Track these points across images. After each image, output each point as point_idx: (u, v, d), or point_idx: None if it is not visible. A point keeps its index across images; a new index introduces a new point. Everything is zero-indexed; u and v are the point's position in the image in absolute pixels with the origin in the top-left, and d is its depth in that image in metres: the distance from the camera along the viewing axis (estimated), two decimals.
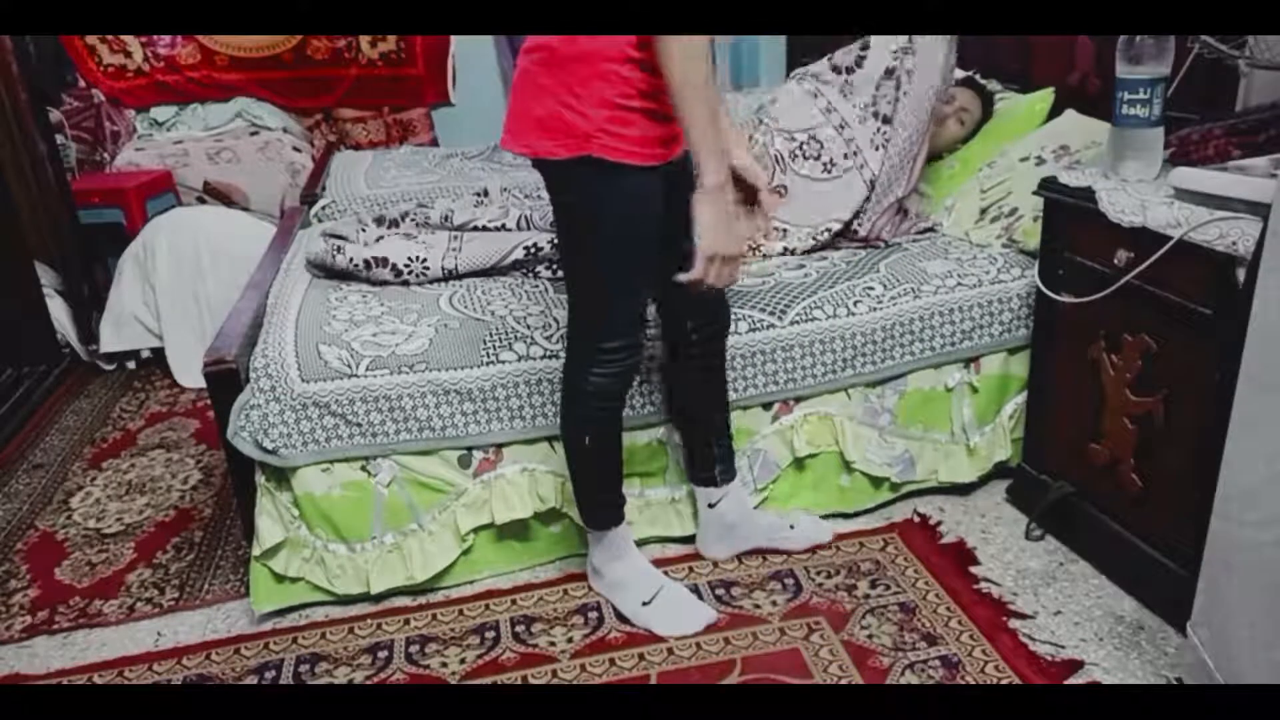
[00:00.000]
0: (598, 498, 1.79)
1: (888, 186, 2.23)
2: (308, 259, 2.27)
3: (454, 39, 4.18)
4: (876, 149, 2.22)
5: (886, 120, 2.22)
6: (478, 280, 2.15)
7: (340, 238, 2.25)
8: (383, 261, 2.14)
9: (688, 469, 1.96)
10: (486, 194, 2.57)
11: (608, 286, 1.61)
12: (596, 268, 1.60)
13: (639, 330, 1.70)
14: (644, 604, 1.78)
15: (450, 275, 2.16)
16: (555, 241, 2.14)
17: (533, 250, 2.15)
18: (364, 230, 2.30)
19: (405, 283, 2.15)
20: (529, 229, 2.26)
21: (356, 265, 2.15)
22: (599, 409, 1.69)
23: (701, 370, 1.85)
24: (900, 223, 2.29)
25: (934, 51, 2.16)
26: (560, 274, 2.15)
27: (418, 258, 2.14)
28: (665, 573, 1.91)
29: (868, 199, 2.23)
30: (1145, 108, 1.67)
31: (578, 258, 1.63)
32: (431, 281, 2.16)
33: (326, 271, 2.22)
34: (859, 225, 2.24)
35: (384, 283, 2.15)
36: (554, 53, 1.48)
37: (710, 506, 1.93)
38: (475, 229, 2.26)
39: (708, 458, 1.91)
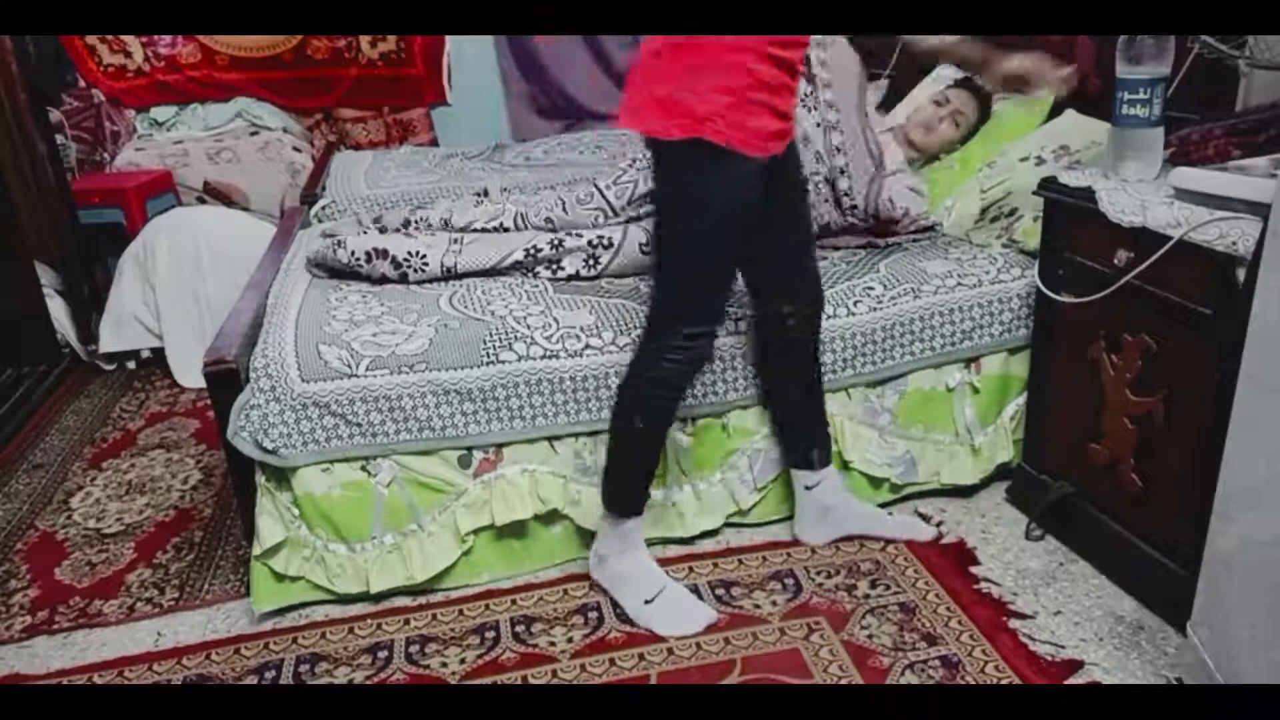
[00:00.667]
0: (628, 484, 1.79)
1: (859, 162, 2.25)
2: (308, 258, 2.27)
3: (449, 39, 4.17)
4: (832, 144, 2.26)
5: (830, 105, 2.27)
6: (478, 280, 2.15)
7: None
8: (382, 254, 2.14)
9: (783, 453, 1.98)
10: (486, 194, 2.57)
11: (700, 271, 1.64)
12: (691, 252, 1.63)
13: (720, 320, 1.74)
14: (646, 602, 1.78)
15: (450, 274, 2.15)
16: (555, 243, 2.15)
17: (532, 252, 2.15)
18: (365, 232, 2.30)
19: (405, 279, 2.15)
20: (525, 227, 2.26)
21: (357, 258, 2.15)
22: (661, 396, 1.71)
23: (796, 355, 1.88)
24: (889, 195, 2.27)
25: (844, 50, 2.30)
26: (560, 274, 2.15)
27: (417, 253, 2.14)
28: (665, 573, 1.91)
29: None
30: (1145, 108, 1.67)
31: (674, 240, 1.65)
32: (431, 280, 2.16)
33: (327, 269, 2.22)
34: (854, 199, 2.24)
35: (384, 280, 2.15)
36: (687, 39, 1.50)
37: (807, 489, 1.96)
38: (475, 230, 2.27)
39: (804, 440, 1.93)
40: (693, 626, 1.75)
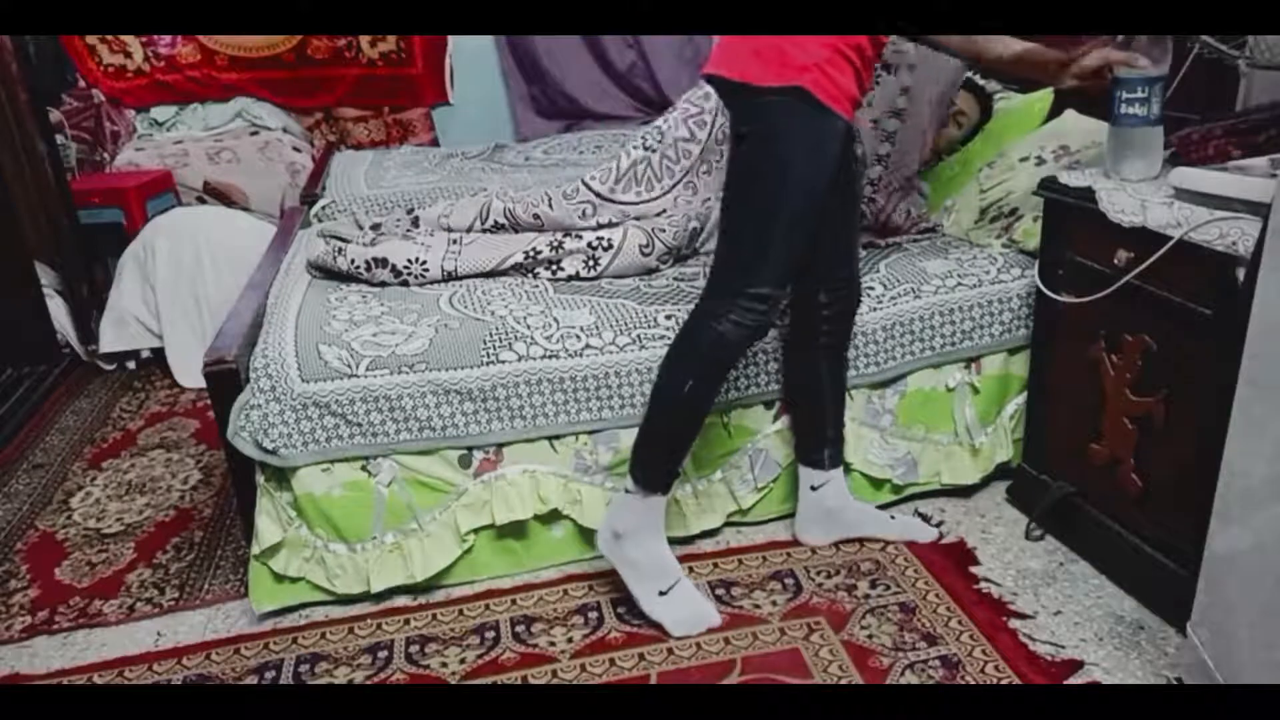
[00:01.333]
0: (662, 455, 1.72)
1: (900, 160, 2.23)
2: (308, 261, 2.27)
3: (452, 39, 4.18)
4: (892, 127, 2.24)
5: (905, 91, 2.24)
6: (478, 280, 2.15)
7: (339, 239, 2.26)
8: (382, 263, 2.14)
9: (796, 449, 1.97)
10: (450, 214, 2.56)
11: (778, 226, 1.58)
12: (769, 205, 1.58)
13: (787, 286, 1.68)
14: (661, 594, 1.75)
15: (450, 277, 2.16)
16: (554, 244, 2.15)
17: (532, 254, 2.15)
18: (365, 233, 2.29)
19: (405, 283, 2.15)
20: (516, 226, 2.25)
21: (357, 266, 2.15)
22: (718, 358, 1.65)
23: (826, 348, 1.87)
24: (908, 205, 2.28)
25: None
26: (559, 275, 2.15)
27: (417, 259, 2.14)
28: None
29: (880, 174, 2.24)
30: (1144, 107, 1.67)
31: (751, 192, 1.61)
32: (431, 282, 2.16)
33: (327, 273, 2.22)
34: (875, 196, 2.24)
35: (384, 283, 2.15)
36: None
37: (813, 489, 1.95)
38: (475, 230, 2.26)
39: (818, 439, 1.92)
40: (700, 626, 1.74)
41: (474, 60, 4.23)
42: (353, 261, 2.15)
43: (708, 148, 2.30)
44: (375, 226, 2.35)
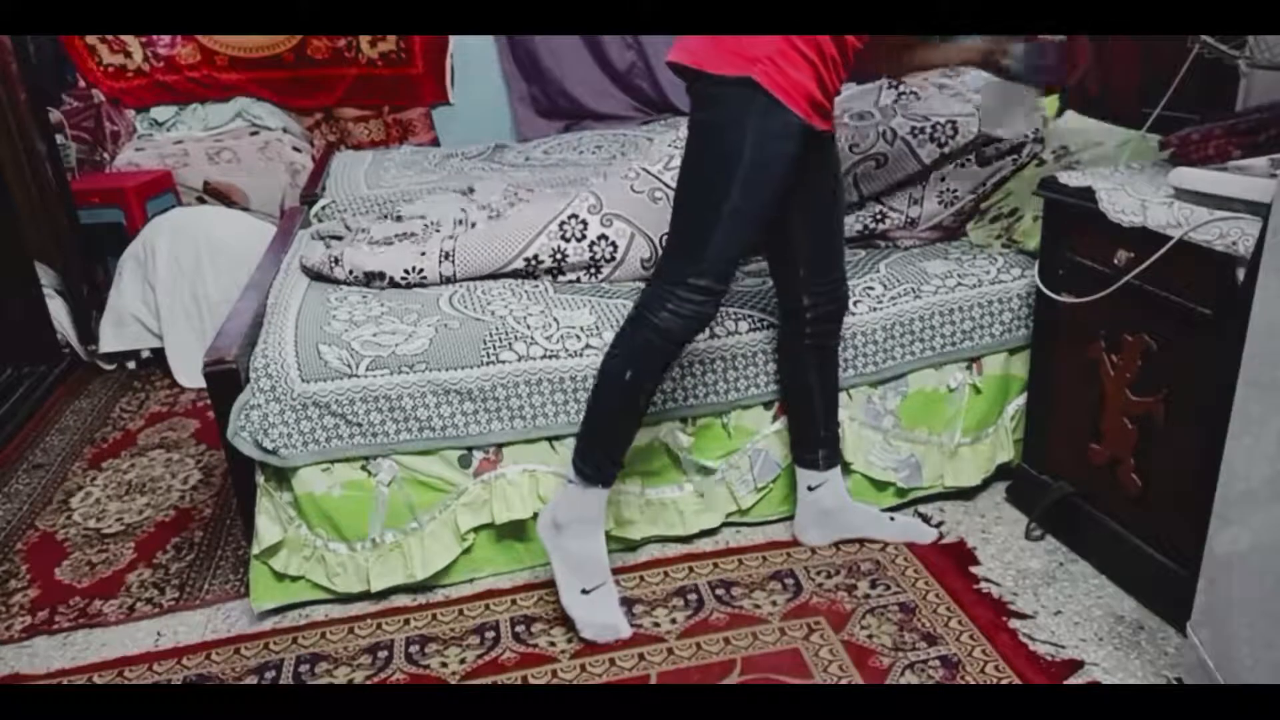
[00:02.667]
0: (602, 447, 1.70)
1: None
2: (305, 266, 2.26)
3: (453, 39, 4.18)
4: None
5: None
6: (478, 280, 2.15)
7: (335, 238, 2.25)
8: (379, 276, 2.14)
9: (792, 450, 1.97)
10: (472, 190, 2.56)
11: (720, 216, 1.56)
12: (711, 195, 1.57)
13: (728, 282, 1.65)
14: (583, 592, 1.74)
15: (448, 282, 2.16)
16: (556, 253, 2.14)
17: (533, 261, 2.14)
18: (364, 233, 2.29)
19: (398, 286, 2.15)
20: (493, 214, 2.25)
21: (355, 277, 2.15)
22: (655, 345, 1.63)
23: (814, 350, 1.87)
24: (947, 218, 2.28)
25: None
26: (560, 277, 2.15)
27: (415, 269, 2.14)
28: (665, 573, 1.92)
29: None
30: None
31: (698, 180, 1.60)
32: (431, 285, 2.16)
33: (323, 279, 2.22)
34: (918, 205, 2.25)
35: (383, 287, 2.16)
36: None
37: (810, 489, 1.95)
38: (460, 225, 2.26)
39: (813, 440, 1.93)
40: (609, 636, 1.72)
41: (474, 60, 4.23)
42: (350, 273, 2.15)
43: None
44: (366, 232, 2.34)
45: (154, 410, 2.88)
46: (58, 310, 3.18)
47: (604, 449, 1.71)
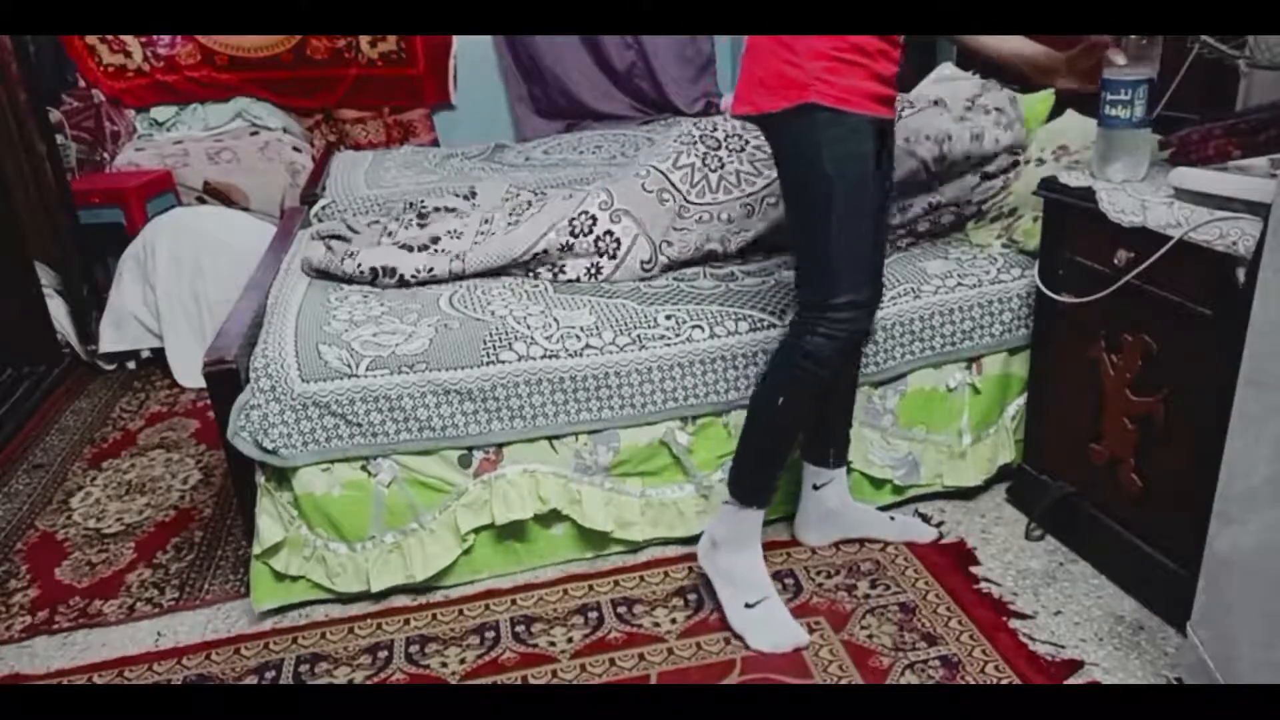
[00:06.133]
0: (757, 470, 1.74)
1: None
2: (308, 264, 2.26)
3: (455, 39, 4.18)
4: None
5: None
6: (478, 280, 2.15)
7: (337, 238, 2.25)
8: (390, 271, 2.14)
9: (803, 446, 1.96)
10: (474, 193, 2.56)
11: (830, 232, 1.60)
12: (817, 215, 1.61)
13: (867, 286, 1.68)
14: (747, 606, 1.75)
15: (456, 278, 2.16)
16: (563, 245, 2.15)
17: (541, 255, 2.15)
18: (388, 236, 2.29)
19: (405, 284, 2.15)
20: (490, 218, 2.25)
21: (363, 271, 2.15)
22: (809, 371, 1.65)
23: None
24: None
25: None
26: (560, 275, 2.16)
27: (425, 268, 2.14)
28: (665, 573, 1.92)
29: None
30: (1127, 109, 1.66)
31: (801, 209, 1.66)
32: (433, 282, 2.16)
33: (326, 275, 2.22)
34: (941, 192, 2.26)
35: (385, 285, 2.16)
36: None
37: (815, 488, 1.95)
38: (481, 235, 2.27)
39: (826, 435, 1.93)
40: (785, 644, 1.71)
41: (474, 61, 4.23)
42: (359, 267, 2.15)
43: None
44: (386, 230, 2.34)
45: (154, 410, 2.88)
46: (58, 310, 3.18)
47: (760, 473, 1.76)
